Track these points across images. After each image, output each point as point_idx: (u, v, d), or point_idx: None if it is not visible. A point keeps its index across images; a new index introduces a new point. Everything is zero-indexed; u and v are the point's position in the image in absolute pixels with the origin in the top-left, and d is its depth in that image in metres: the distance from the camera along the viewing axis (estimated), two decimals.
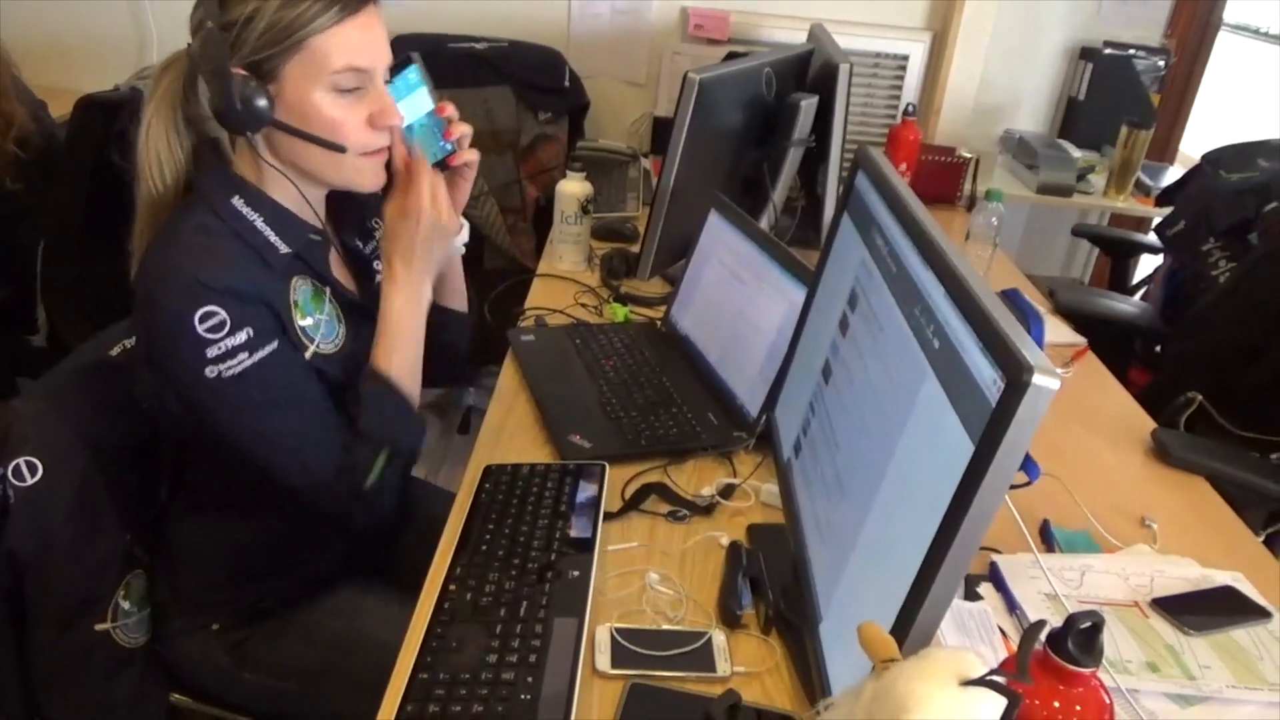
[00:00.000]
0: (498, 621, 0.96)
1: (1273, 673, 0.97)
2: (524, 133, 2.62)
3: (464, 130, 1.19)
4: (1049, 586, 1.07)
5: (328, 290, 1.15)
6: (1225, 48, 3.41)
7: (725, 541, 1.13)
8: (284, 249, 1.08)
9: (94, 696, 1.15)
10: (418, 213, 1.12)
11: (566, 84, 2.64)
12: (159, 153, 1.07)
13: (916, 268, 0.83)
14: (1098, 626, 0.65)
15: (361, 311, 1.18)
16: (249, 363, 1.01)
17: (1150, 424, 1.53)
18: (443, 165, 1.18)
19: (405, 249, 1.13)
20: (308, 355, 1.10)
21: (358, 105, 1.06)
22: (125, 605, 1.16)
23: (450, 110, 1.18)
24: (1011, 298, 1.49)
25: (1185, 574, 1.13)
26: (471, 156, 1.20)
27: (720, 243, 1.54)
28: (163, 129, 1.07)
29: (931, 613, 0.69)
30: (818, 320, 1.14)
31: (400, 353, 1.14)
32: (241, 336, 1.00)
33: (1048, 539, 1.20)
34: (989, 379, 0.64)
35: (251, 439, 1.05)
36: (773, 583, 1.04)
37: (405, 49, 2.56)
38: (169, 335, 1.00)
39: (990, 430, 0.63)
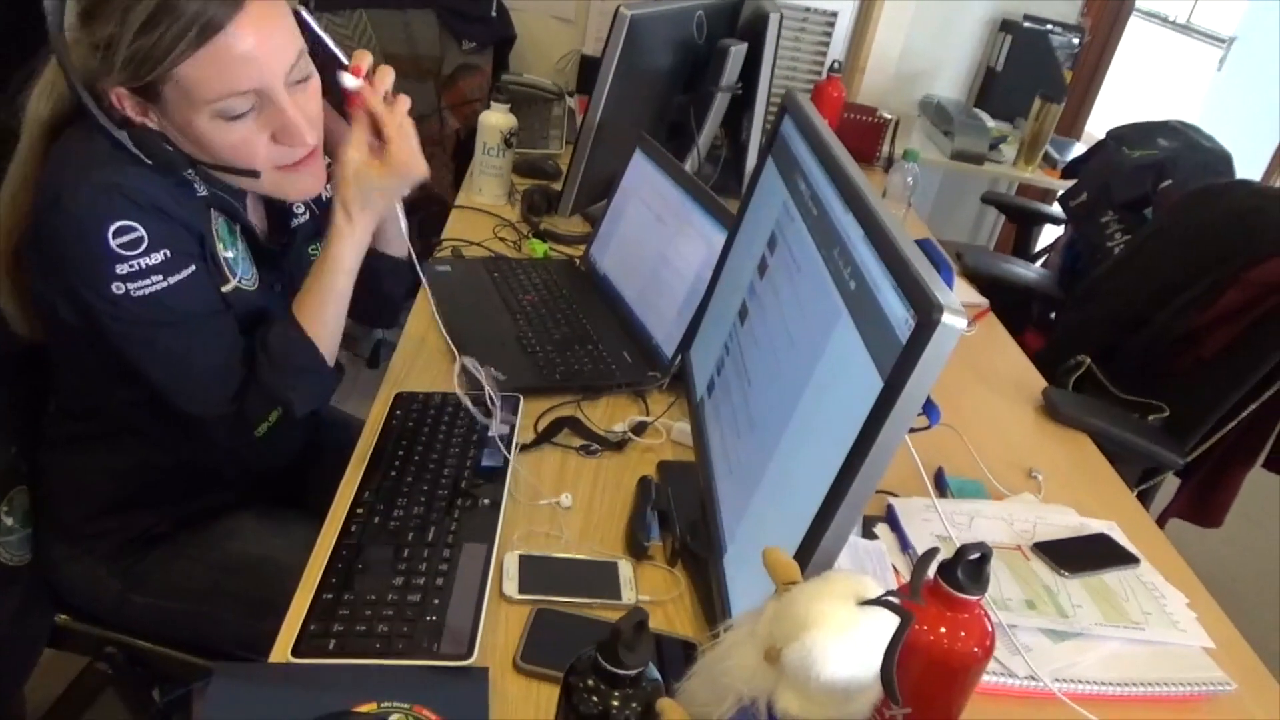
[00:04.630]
0: (406, 545, 0.95)
1: (1136, 612, 1.04)
2: (446, 61, 2.54)
3: (387, 82, 1.06)
4: (941, 529, 1.12)
5: (238, 229, 1.09)
6: (1134, 32, 3.54)
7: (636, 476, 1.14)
8: (202, 191, 1.02)
9: None
10: (402, 166, 1.03)
11: (493, 13, 2.57)
12: (48, 94, 0.99)
13: (838, 211, 0.85)
14: (986, 558, 0.69)
15: (271, 260, 1.14)
16: (161, 286, 0.95)
17: (1042, 383, 1.61)
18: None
19: (367, 198, 1.04)
20: (228, 289, 1.05)
21: (255, 123, 0.95)
22: (8, 521, 1.11)
23: (366, 63, 1.06)
24: (924, 247, 1.53)
25: (1065, 522, 1.19)
26: (403, 106, 1.07)
27: (644, 183, 1.54)
28: (49, 91, 0.98)
29: (833, 541, 0.71)
30: (736, 262, 1.15)
31: (330, 306, 1.07)
32: (157, 257, 0.95)
33: (942, 485, 1.26)
34: (901, 318, 0.66)
35: (150, 358, 0.99)
36: (680, 517, 1.06)
37: None
38: (74, 244, 0.93)
39: (899, 366, 0.65)
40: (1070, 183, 2.54)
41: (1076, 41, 3.16)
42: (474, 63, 2.57)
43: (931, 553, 0.64)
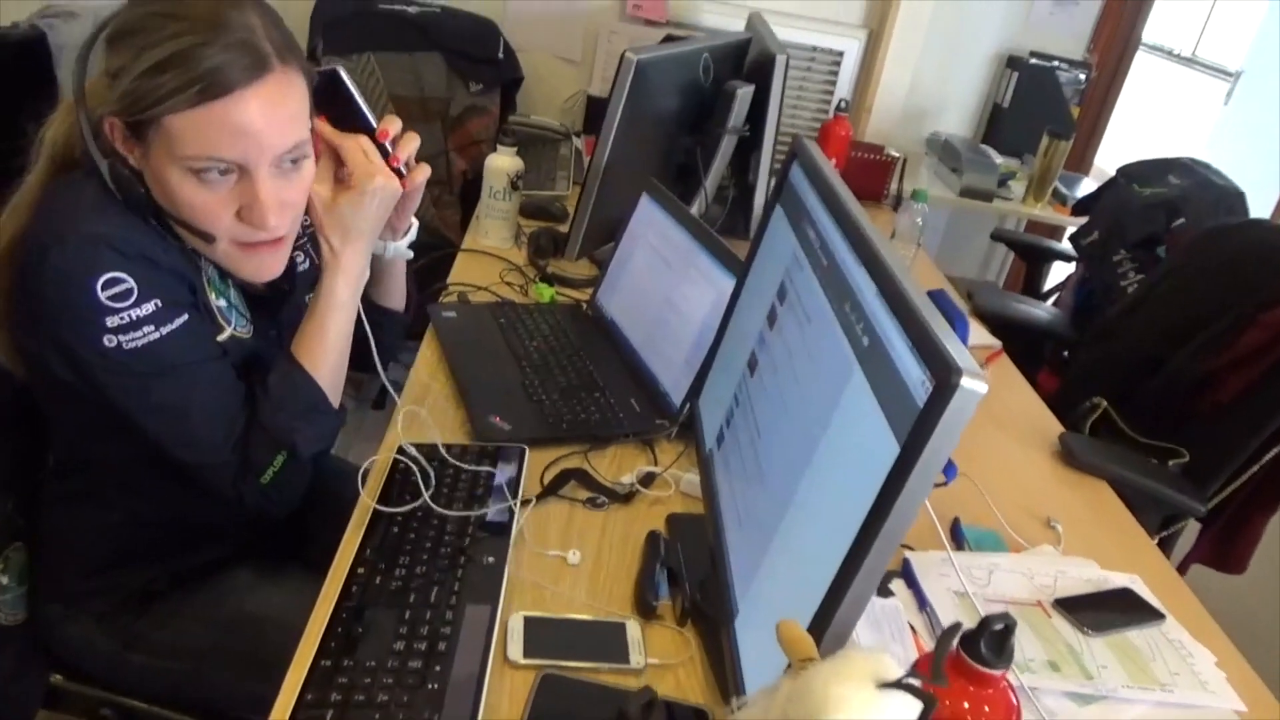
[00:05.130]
0: (407, 607, 0.93)
1: (1164, 673, 1.00)
2: (454, 103, 2.55)
3: (411, 148, 1.08)
4: (959, 584, 1.09)
5: (231, 279, 1.07)
6: (1141, 66, 3.54)
7: (644, 531, 1.12)
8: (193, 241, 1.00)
9: None
10: (368, 185, 1.02)
11: (500, 55, 2.58)
12: (65, 131, 0.99)
13: (848, 263, 0.83)
14: (1009, 629, 0.66)
15: (267, 308, 1.12)
16: (154, 337, 0.94)
17: (1057, 427, 1.58)
18: None
19: (345, 226, 1.03)
20: (223, 338, 1.03)
21: (226, 192, 0.93)
22: (3, 580, 1.09)
23: (394, 128, 1.07)
24: (937, 299, 1.51)
25: (1086, 575, 1.16)
26: (421, 177, 1.11)
27: (651, 227, 1.52)
28: (69, 123, 0.98)
29: (849, 611, 0.69)
30: (745, 311, 1.13)
31: (329, 343, 1.05)
32: (148, 308, 0.93)
33: (958, 537, 1.23)
34: (917, 379, 0.64)
35: (146, 410, 0.97)
36: (690, 574, 1.03)
37: (335, 7, 2.48)
38: (63, 298, 0.91)
39: (916, 431, 0.62)
40: (1081, 220, 2.52)
41: (1083, 77, 3.16)
42: (481, 104, 2.58)
43: (954, 629, 0.61)
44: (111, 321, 0.91)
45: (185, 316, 0.96)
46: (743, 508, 0.95)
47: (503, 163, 1.79)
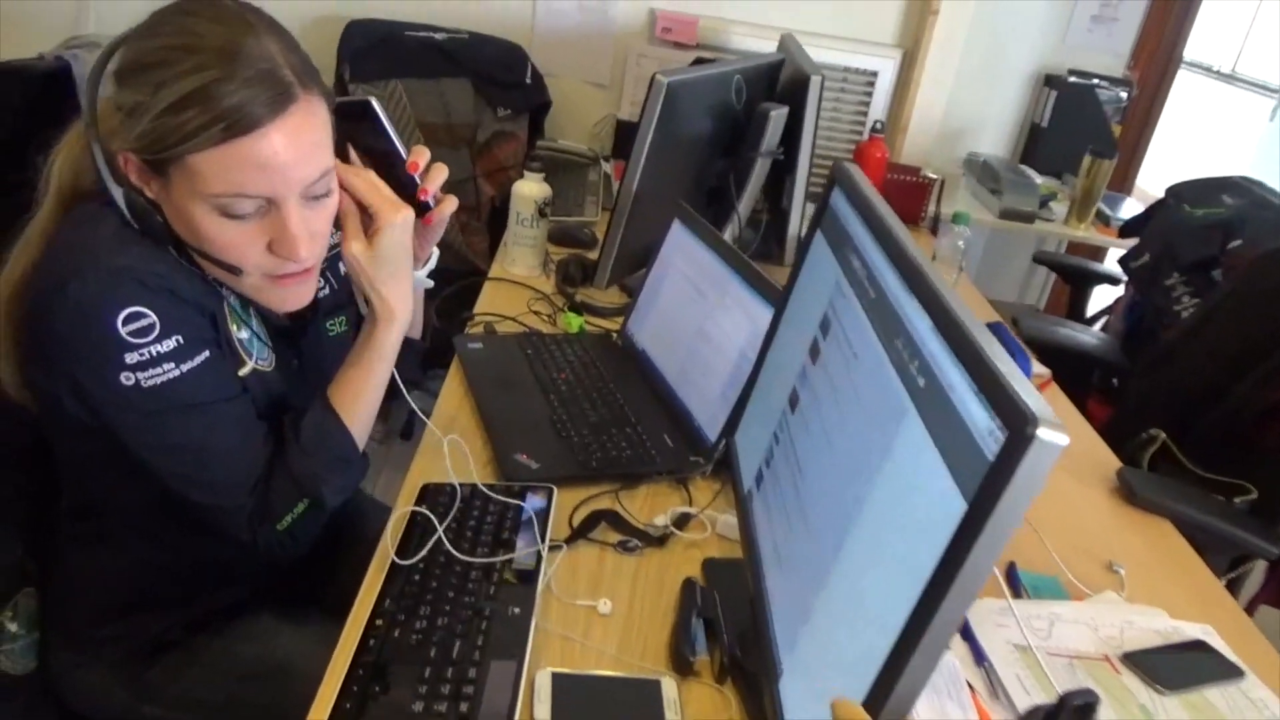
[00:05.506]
0: (428, 663, 0.87)
1: None
2: (481, 128, 2.52)
3: (439, 180, 1.06)
4: (1017, 635, 1.01)
5: (253, 307, 1.04)
6: (1182, 84, 3.45)
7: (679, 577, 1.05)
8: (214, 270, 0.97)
9: None
10: (395, 227, 0.98)
11: (528, 80, 2.55)
12: (73, 161, 0.96)
13: (899, 295, 0.77)
14: (1091, 706, 0.59)
15: (288, 337, 1.08)
16: (173, 374, 0.90)
17: (1114, 461, 1.50)
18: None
19: (390, 270, 1.00)
20: (244, 371, 0.99)
21: (255, 227, 0.90)
22: (12, 627, 1.05)
23: (423, 160, 1.04)
24: (997, 334, 1.44)
25: (1155, 625, 1.08)
26: (449, 209, 1.08)
27: (683, 254, 1.47)
28: (76, 152, 0.95)
29: (911, 683, 0.62)
30: (785, 343, 1.07)
31: (368, 394, 1.03)
32: (169, 344, 0.89)
33: (1015, 583, 1.15)
34: (984, 428, 0.58)
35: (161, 451, 0.94)
36: (729, 626, 0.96)
37: (363, 35, 2.47)
38: (80, 333, 0.87)
39: (987, 488, 0.56)
40: (1128, 242, 2.43)
41: (1124, 95, 3.07)
42: (509, 129, 2.55)
43: (1036, 714, 0.54)
44: (131, 358, 0.87)
45: (206, 354, 0.93)
46: (786, 555, 0.88)
47: (530, 189, 1.75)
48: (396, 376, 1.08)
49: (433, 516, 1.04)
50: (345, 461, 1.02)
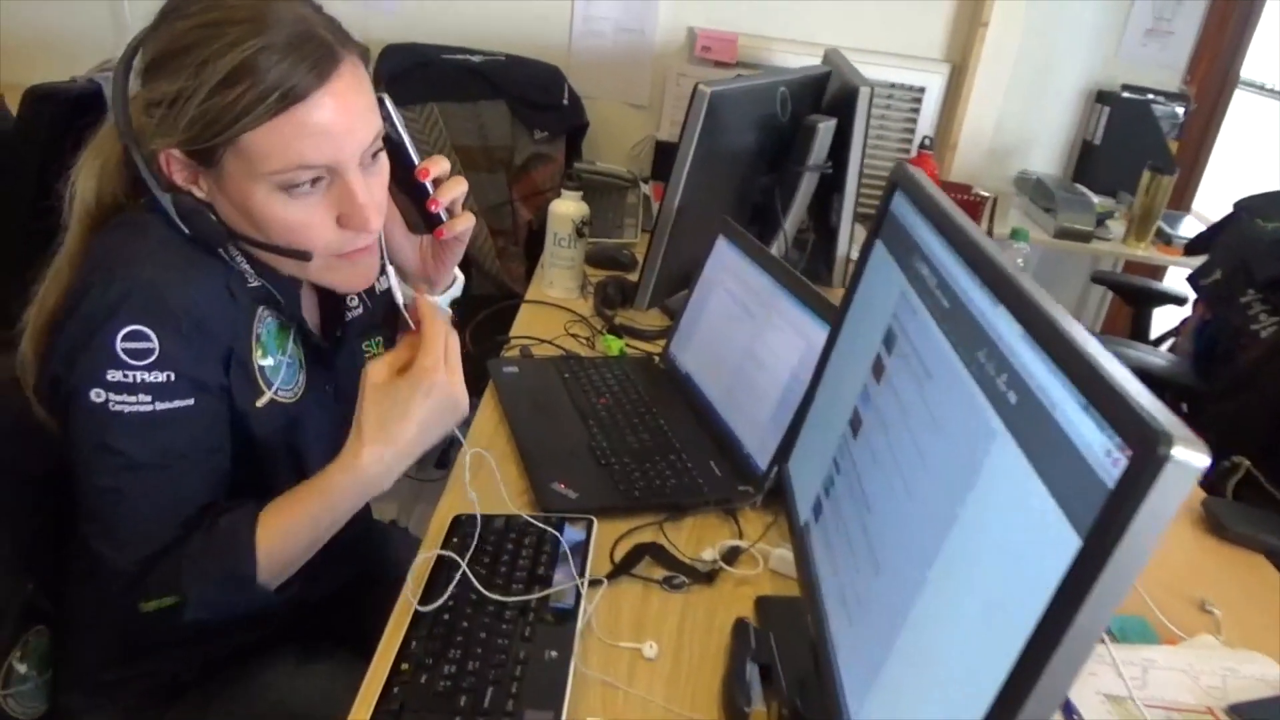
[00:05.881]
0: (456, 712, 0.79)
1: None
2: (518, 151, 2.48)
3: (455, 193, 0.98)
4: (1111, 684, 0.91)
5: (293, 329, 0.98)
6: (1239, 100, 3.32)
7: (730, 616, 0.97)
8: (254, 281, 0.92)
9: None
10: (426, 380, 0.85)
11: (565, 102, 2.51)
12: (96, 180, 0.91)
13: (980, 303, 0.69)
14: None
15: (325, 360, 1.03)
16: (144, 409, 0.83)
17: (1197, 490, 1.38)
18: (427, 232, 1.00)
19: (382, 417, 0.85)
20: (262, 402, 0.93)
21: (321, 200, 0.86)
22: (21, 669, 0.98)
23: (436, 170, 0.97)
24: None
25: (1261, 674, 0.97)
26: (462, 227, 1.01)
27: (728, 272, 1.39)
28: (96, 169, 0.91)
29: None
30: (843, 362, 0.99)
31: (298, 531, 0.88)
32: (159, 377, 0.83)
33: None
34: (1100, 449, 0.49)
35: (89, 478, 0.86)
36: (787, 672, 0.88)
37: (398, 59, 2.44)
38: (82, 331, 0.83)
39: (1107, 519, 0.47)
40: (1192, 261, 2.32)
41: (1181, 111, 2.96)
42: (546, 152, 2.50)
43: None
44: (113, 375, 0.82)
45: (191, 401, 0.86)
46: (852, 595, 0.79)
47: (567, 208, 1.68)
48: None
49: (459, 559, 0.95)
50: (235, 581, 0.87)
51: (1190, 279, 2.22)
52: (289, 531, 0.88)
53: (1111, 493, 0.47)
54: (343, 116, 0.83)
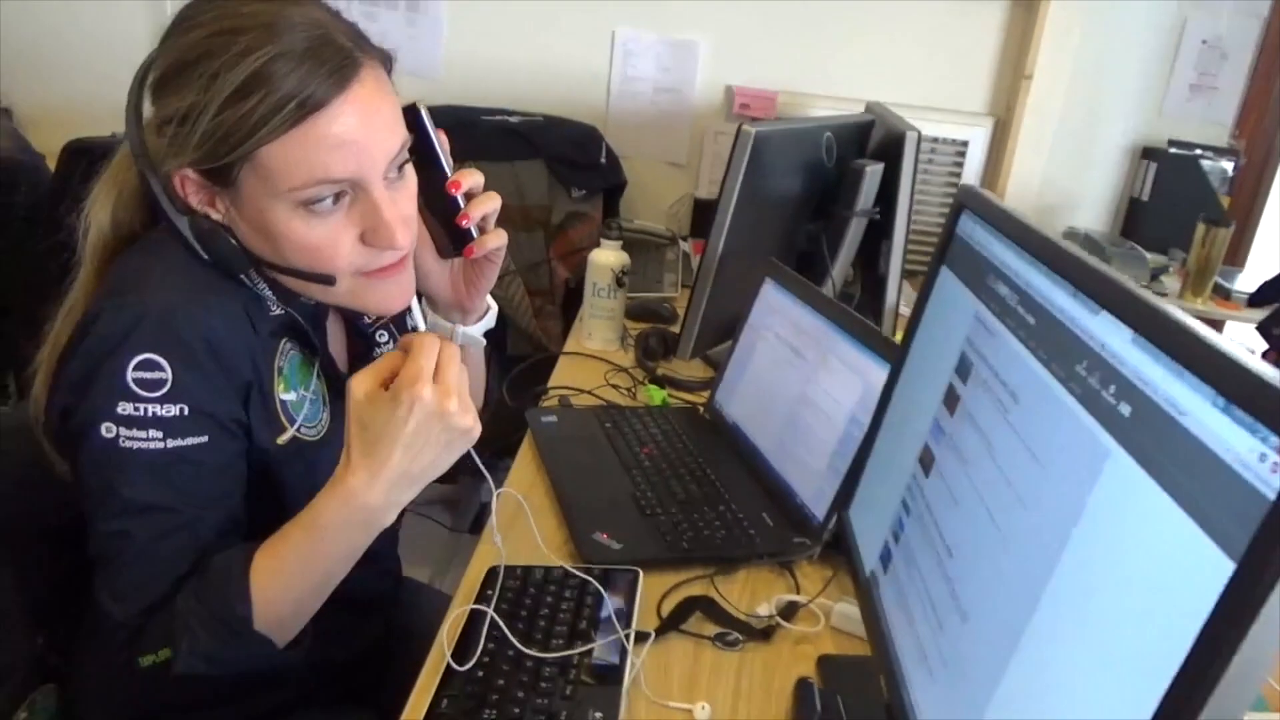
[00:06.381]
0: None
1: None
2: (555, 210, 2.46)
3: (487, 208, 0.92)
4: None
5: (317, 364, 0.93)
6: None
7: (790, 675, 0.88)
8: (276, 309, 0.87)
9: None
10: (407, 394, 0.74)
11: (603, 160, 2.49)
12: (113, 208, 0.88)
13: (1074, 312, 0.62)
14: None
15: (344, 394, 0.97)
16: (154, 447, 0.78)
17: None
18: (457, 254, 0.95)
19: (370, 437, 0.76)
20: (284, 439, 0.88)
21: (344, 218, 0.81)
22: None
23: (469, 183, 0.91)
24: None
25: None
26: (494, 244, 0.94)
27: (776, 315, 1.33)
28: (111, 199, 0.88)
29: None
30: (908, 397, 0.91)
31: (290, 565, 0.79)
32: (171, 410, 0.78)
33: None
34: (1250, 453, 0.42)
35: (96, 520, 0.80)
36: None
37: (438, 120, 2.45)
38: (92, 360, 0.78)
39: (1270, 532, 0.39)
40: (1254, 314, 2.22)
41: (1230, 166, 2.89)
42: (583, 210, 2.48)
43: None
44: (124, 409, 0.77)
45: (204, 439, 0.80)
46: (934, 650, 0.71)
47: (607, 257, 1.64)
48: (474, 455, 0.91)
49: (494, 614, 0.88)
50: (228, 626, 0.78)
51: (1260, 327, 2.13)
52: (281, 570, 0.79)
53: (1274, 504, 0.39)
54: (365, 126, 0.78)
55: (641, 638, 0.90)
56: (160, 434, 0.77)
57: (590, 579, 0.95)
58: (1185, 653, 0.42)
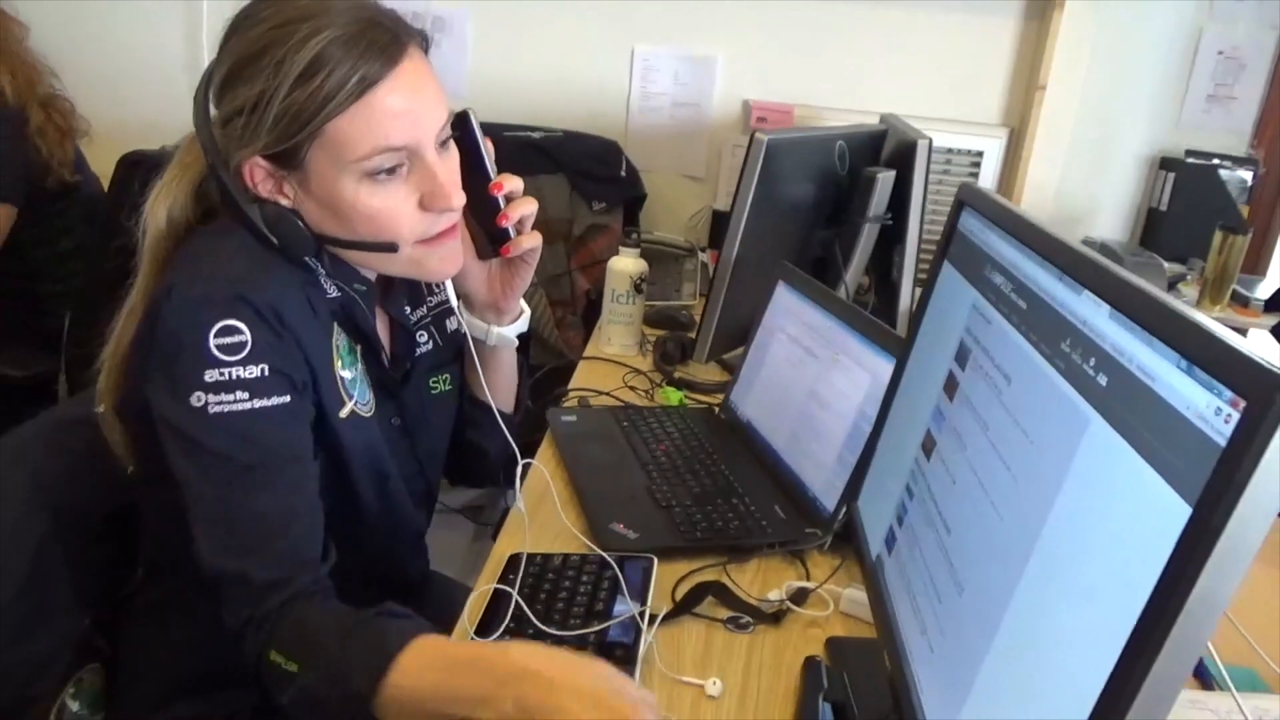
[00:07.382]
0: None
1: None
2: (577, 222, 2.52)
3: (525, 210, 1.01)
4: None
5: (359, 349, 0.98)
6: None
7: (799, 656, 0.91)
8: (332, 292, 0.93)
9: None
10: (629, 692, 0.71)
11: (623, 174, 2.55)
12: (169, 208, 0.93)
13: (1061, 293, 0.66)
14: None
15: (390, 387, 1.02)
16: (243, 407, 0.82)
17: None
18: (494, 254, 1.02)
19: (565, 660, 0.74)
20: (344, 413, 0.93)
21: (403, 186, 0.88)
22: (74, 706, 0.97)
23: (510, 186, 0.99)
24: None
25: None
26: (529, 244, 1.02)
27: (789, 317, 1.37)
28: (168, 201, 0.93)
29: None
30: (912, 388, 0.95)
31: (429, 682, 0.75)
32: (254, 370, 0.83)
33: (1203, 676, 0.96)
34: (1207, 407, 0.45)
35: (203, 490, 0.83)
36: (863, 711, 0.82)
37: None
38: (171, 337, 0.83)
39: (1219, 481, 0.43)
40: (1269, 320, 2.23)
41: (1249, 175, 2.90)
42: (603, 222, 2.53)
43: None
44: (210, 376, 0.82)
45: (287, 398, 0.86)
46: (932, 623, 0.74)
47: (625, 265, 1.69)
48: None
49: (514, 593, 0.92)
50: (341, 691, 0.76)
51: (1275, 331, 2.13)
52: (427, 669, 0.76)
53: (1224, 450, 0.43)
54: (416, 98, 0.86)
55: (655, 618, 0.93)
56: (246, 394, 0.82)
57: (608, 558, 0.99)
58: (1153, 586, 0.46)
